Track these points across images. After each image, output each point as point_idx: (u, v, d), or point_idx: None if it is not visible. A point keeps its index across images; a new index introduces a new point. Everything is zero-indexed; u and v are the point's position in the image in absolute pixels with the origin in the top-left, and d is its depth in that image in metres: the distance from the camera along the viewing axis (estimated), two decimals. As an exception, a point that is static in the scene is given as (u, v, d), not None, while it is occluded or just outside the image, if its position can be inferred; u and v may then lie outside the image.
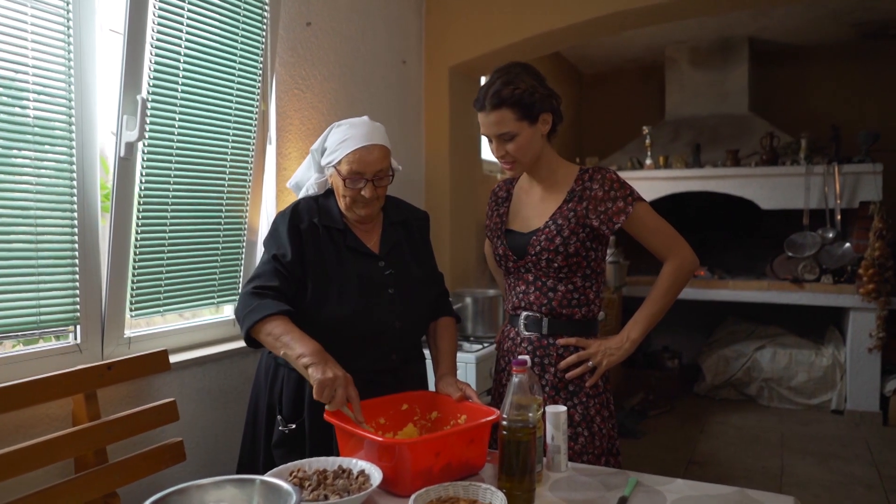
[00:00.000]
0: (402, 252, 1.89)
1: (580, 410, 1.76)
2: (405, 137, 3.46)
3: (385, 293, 1.81)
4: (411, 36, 3.49)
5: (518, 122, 1.70)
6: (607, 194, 1.73)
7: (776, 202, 4.89)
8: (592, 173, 1.77)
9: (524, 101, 1.68)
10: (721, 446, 4.12)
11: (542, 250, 1.74)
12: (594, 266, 1.79)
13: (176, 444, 1.96)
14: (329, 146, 1.81)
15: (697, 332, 5.81)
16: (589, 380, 1.76)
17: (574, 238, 1.73)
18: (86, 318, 1.97)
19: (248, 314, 1.67)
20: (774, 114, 5.66)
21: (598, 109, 6.56)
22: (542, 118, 1.74)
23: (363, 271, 1.80)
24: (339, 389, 1.55)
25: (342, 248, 1.80)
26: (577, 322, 1.78)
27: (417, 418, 1.75)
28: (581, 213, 1.73)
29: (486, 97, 1.71)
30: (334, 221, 1.82)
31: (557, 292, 1.77)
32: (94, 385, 1.78)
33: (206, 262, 2.32)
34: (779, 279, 4.92)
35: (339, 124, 1.83)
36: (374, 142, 1.78)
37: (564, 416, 1.57)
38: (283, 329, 1.64)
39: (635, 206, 1.73)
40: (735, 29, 5.33)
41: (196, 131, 2.20)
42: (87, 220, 1.94)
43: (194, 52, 2.15)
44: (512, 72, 1.72)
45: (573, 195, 1.76)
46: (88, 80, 1.91)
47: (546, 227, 1.76)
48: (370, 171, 1.76)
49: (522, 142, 1.72)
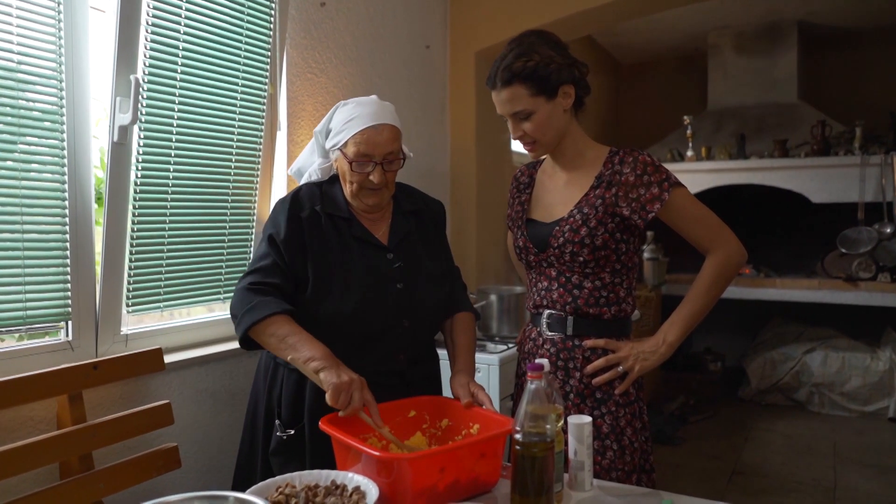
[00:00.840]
0: (413, 244, 1.72)
1: (609, 421, 1.56)
2: (429, 126, 3.30)
3: (393, 288, 1.64)
4: (435, 19, 3.32)
5: (533, 98, 1.52)
6: (640, 179, 1.53)
7: (828, 195, 4.59)
8: (623, 155, 1.57)
9: (538, 74, 1.50)
10: (768, 456, 3.85)
11: (566, 242, 1.55)
12: (625, 260, 1.59)
13: (170, 449, 1.82)
14: (334, 127, 1.65)
15: (742, 333, 5.51)
16: (619, 387, 1.57)
17: (602, 229, 1.53)
18: (78, 314, 1.84)
19: (246, 312, 1.52)
20: (826, 102, 5.32)
21: (636, 100, 6.30)
22: (563, 91, 1.54)
23: (369, 264, 1.63)
24: (355, 393, 1.42)
25: (347, 238, 1.64)
26: (605, 322, 1.59)
27: (426, 426, 1.59)
28: (610, 201, 1.53)
29: (497, 73, 1.53)
30: (339, 209, 1.66)
31: (584, 289, 1.58)
32: (79, 386, 1.66)
33: (212, 255, 2.19)
34: (831, 278, 4.62)
35: (345, 103, 1.66)
36: (384, 121, 1.61)
37: (589, 427, 1.38)
38: (288, 330, 1.50)
39: (672, 192, 1.52)
40: (783, 13, 5.03)
41: (198, 115, 2.07)
42: (79, 210, 1.82)
43: (196, 29, 2.02)
44: (525, 42, 1.54)
45: (601, 180, 1.57)
46: (81, 58, 1.79)
47: (570, 217, 1.57)
48: (379, 154, 1.59)
49: (540, 119, 1.54)
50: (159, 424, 1.82)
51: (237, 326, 1.53)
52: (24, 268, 1.71)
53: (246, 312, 1.52)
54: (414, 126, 3.17)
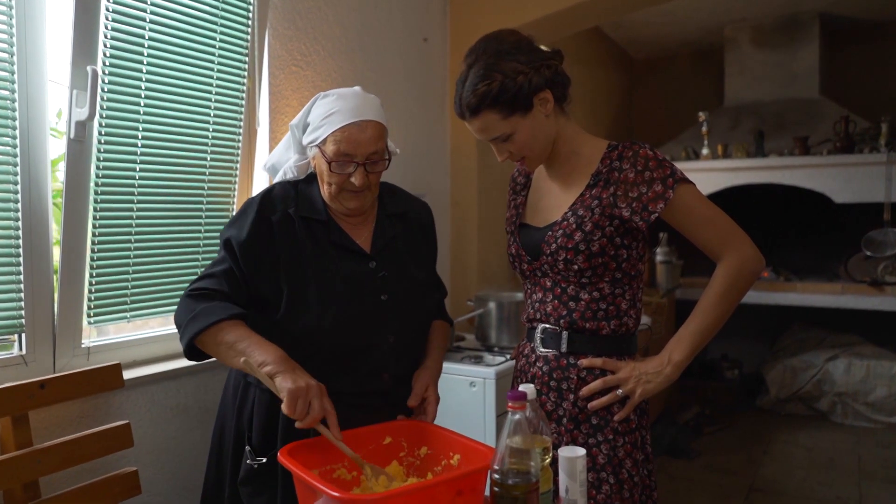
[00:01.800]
0: (398, 250, 1.56)
1: (605, 450, 1.38)
2: (427, 123, 3.13)
3: (376, 300, 1.48)
4: (434, 11, 3.15)
5: (507, 121, 1.36)
6: (640, 176, 1.35)
7: (852, 195, 4.36)
8: (622, 150, 1.39)
9: (507, 95, 1.33)
10: (788, 470, 3.65)
11: (559, 248, 1.38)
12: (627, 268, 1.41)
13: (129, 474, 1.67)
14: (312, 121, 1.48)
15: (760, 338, 5.29)
16: (618, 413, 1.39)
17: (599, 233, 1.36)
18: (32, 325, 1.70)
19: (190, 321, 1.37)
20: (849, 97, 5.08)
21: (650, 97, 6.08)
22: (538, 99, 1.37)
23: (350, 273, 1.47)
24: (314, 401, 1.26)
25: (324, 244, 1.48)
26: (604, 338, 1.41)
27: (404, 454, 1.42)
28: (607, 202, 1.36)
29: (462, 102, 1.37)
30: (315, 212, 1.49)
31: (580, 301, 1.40)
32: (23, 407, 1.51)
33: (185, 260, 2.04)
34: (855, 281, 4.39)
35: (324, 94, 1.49)
36: (367, 117, 1.44)
37: (583, 461, 1.20)
38: (238, 335, 1.34)
39: (678, 189, 1.34)
40: (803, 4, 4.81)
41: (168, 110, 1.91)
42: (34, 213, 1.67)
43: (164, 17, 1.86)
44: (482, 55, 1.35)
45: (598, 178, 1.39)
46: (35, 44, 1.64)
47: (564, 220, 1.39)
48: (361, 153, 1.43)
49: (523, 138, 1.38)
50: (117, 447, 1.66)
51: (181, 337, 1.39)
52: (-31, 277, 1.57)
53: (190, 321, 1.37)
54: (411, 123, 3.00)
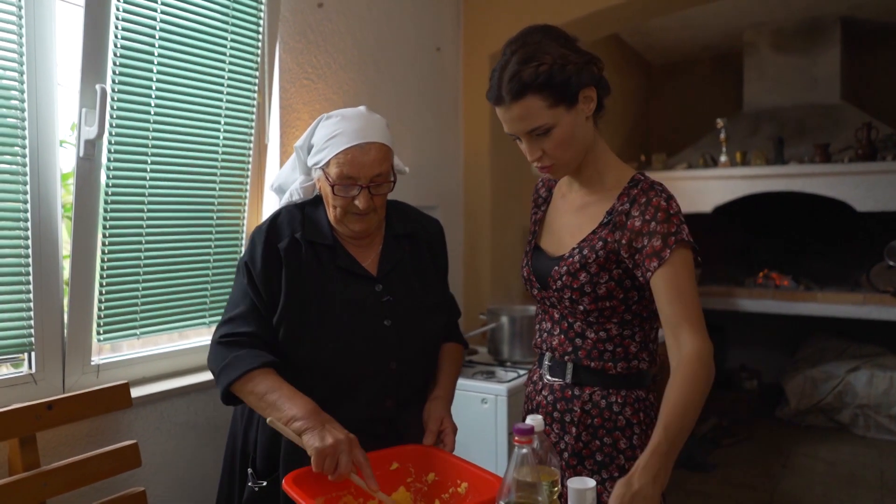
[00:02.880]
0: (405, 273, 1.54)
1: (609, 488, 1.32)
2: (440, 134, 3.11)
3: (379, 325, 1.46)
4: (447, 20, 3.13)
5: (552, 110, 1.24)
6: (647, 226, 1.24)
7: (874, 204, 4.26)
8: (638, 193, 1.28)
9: (555, 80, 1.22)
10: (808, 486, 3.57)
11: (565, 287, 1.31)
12: (637, 310, 1.32)
13: (136, 494, 1.66)
14: (316, 142, 1.47)
15: (780, 348, 5.20)
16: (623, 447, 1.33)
17: (605, 276, 1.28)
18: (42, 343, 1.70)
19: (222, 371, 1.39)
20: (871, 102, 4.98)
21: (667, 102, 6.01)
22: (583, 95, 1.26)
23: (353, 297, 1.45)
24: (342, 457, 1.26)
25: (329, 268, 1.47)
26: (611, 376, 1.34)
27: (411, 480, 1.40)
28: (612, 247, 1.28)
29: (503, 85, 1.24)
30: (322, 236, 1.48)
31: (586, 339, 1.34)
32: (31, 428, 1.50)
33: (195, 276, 2.03)
34: (877, 291, 4.29)
35: (328, 116, 1.48)
36: (371, 139, 1.42)
37: (593, 493, 1.16)
38: (267, 386, 1.35)
39: (675, 251, 1.21)
40: (825, 7, 4.72)
41: (177, 127, 1.91)
42: (43, 231, 1.67)
43: (172, 34, 1.86)
44: (530, 42, 1.25)
45: (611, 217, 1.30)
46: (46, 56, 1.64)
47: (570, 257, 1.31)
48: (365, 176, 1.41)
49: (562, 134, 1.26)
50: (125, 467, 1.66)
51: (217, 384, 1.40)
52: (-22, 296, 1.57)
53: (222, 371, 1.39)
54: (424, 134, 2.98)
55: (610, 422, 1.33)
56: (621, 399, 1.33)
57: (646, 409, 1.34)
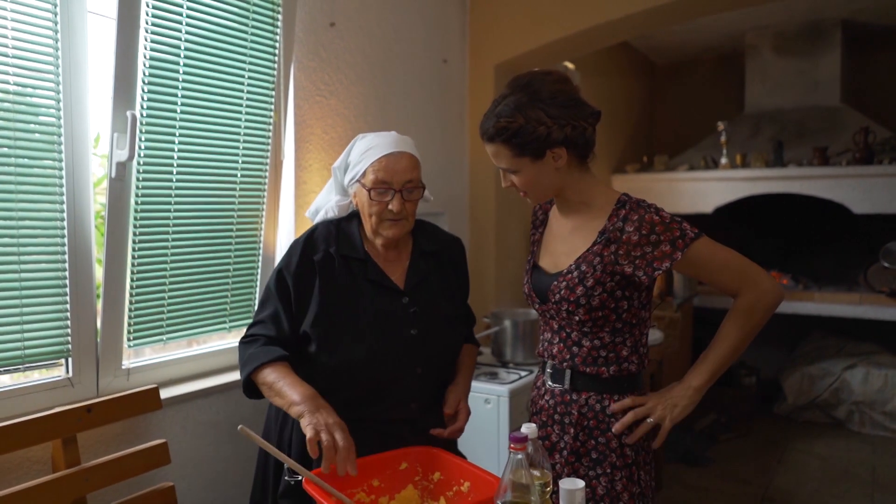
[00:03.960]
0: (430, 287, 1.69)
1: (604, 483, 1.48)
2: (447, 143, 3.23)
3: (406, 334, 1.60)
4: (453, 33, 3.25)
5: (516, 159, 1.42)
6: (645, 238, 1.40)
7: (871, 206, 4.36)
8: (628, 212, 1.43)
9: (519, 139, 1.39)
10: (802, 481, 3.69)
11: (562, 300, 1.46)
12: (627, 318, 1.47)
13: (166, 489, 1.81)
14: (353, 159, 1.63)
15: (779, 345, 5.31)
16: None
17: (600, 288, 1.43)
18: (78, 349, 1.84)
19: (243, 365, 1.56)
20: (871, 105, 5.06)
21: (671, 103, 6.10)
22: (552, 153, 1.41)
23: (382, 308, 1.60)
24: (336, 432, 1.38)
25: (361, 281, 1.61)
26: (604, 380, 1.49)
27: (419, 479, 1.53)
28: (609, 259, 1.42)
29: (484, 123, 1.45)
30: (354, 250, 1.63)
31: (582, 347, 1.49)
32: (72, 430, 1.65)
33: (216, 284, 2.17)
34: (874, 291, 4.40)
35: (363, 136, 1.65)
36: (403, 149, 1.60)
37: (582, 493, 1.30)
38: (276, 376, 1.50)
39: (690, 248, 1.39)
40: (826, 11, 4.80)
41: (200, 148, 2.04)
42: (79, 244, 1.81)
43: (195, 63, 1.99)
44: (517, 94, 1.41)
45: (603, 235, 1.45)
46: (79, 87, 1.77)
47: (569, 272, 1.47)
48: (398, 181, 1.57)
49: (527, 178, 1.45)
50: (155, 464, 1.80)
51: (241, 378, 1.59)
52: (21, 306, 1.71)
53: (243, 365, 1.57)
54: (431, 142, 3.11)
55: (604, 423, 1.48)
56: (614, 403, 1.48)
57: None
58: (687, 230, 1.41)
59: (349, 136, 2.58)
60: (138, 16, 1.84)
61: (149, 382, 1.96)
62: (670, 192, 4.96)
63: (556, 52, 3.37)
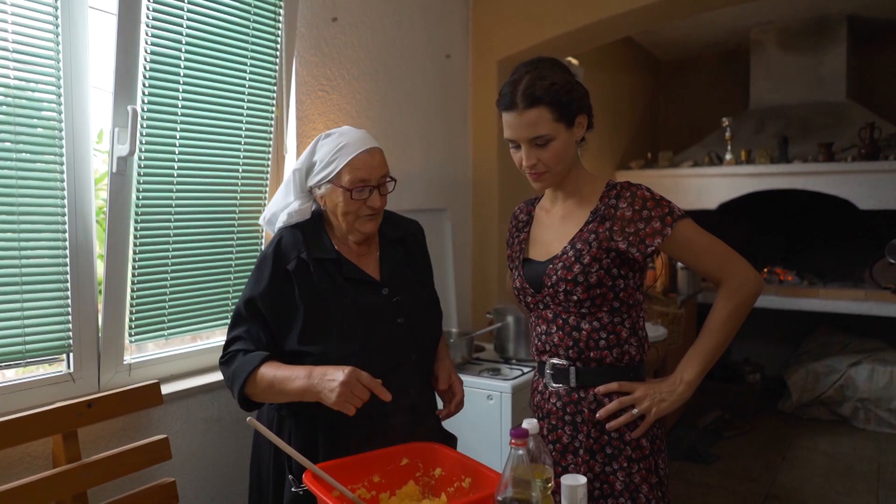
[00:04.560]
0: (404, 274, 1.69)
1: (621, 477, 1.47)
2: (449, 137, 3.22)
3: (394, 324, 1.60)
4: (456, 28, 3.23)
5: (556, 124, 1.43)
6: (638, 214, 1.45)
7: (877, 202, 4.34)
8: (620, 190, 1.49)
9: (562, 99, 1.42)
10: (806, 477, 3.68)
11: (559, 280, 1.47)
12: (624, 297, 1.49)
13: (167, 485, 1.80)
14: (320, 159, 1.60)
15: (783, 342, 5.29)
16: (634, 432, 1.48)
17: (596, 265, 1.44)
18: (79, 345, 1.84)
19: (232, 383, 1.54)
20: (877, 101, 5.04)
21: (675, 99, 6.08)
22: (578, 121, 1.48)
23: (366, 303, 1.59)
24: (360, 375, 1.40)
25: (339, 281, 1.59)
26: (609, 368, 1.49)
27: (420, 474, 1.52)
28: (604, 235, 1.45)
29: (518, 93, 1.42)
30: (326, 251, 1.61)
31: (582, 331, 1.49)
32: (73, 425, 1.65)
33: (217, 280, 2.16)
34: (879, 287, 4.38)
35: (326, 135, 1.63)
36: (374, 144, 1.60)
37: (584, 489, 1.29)
38: (270, 374, 1.48)
39: (676, 225, 1.44)
40: (831, 6, 4.77)
41: (201, 143, 2.04)
42: (80, 240, 1.81)
43: (196, 57, 1.98)
44: (542, 66, 1.46)
45: (596, 215, 1.49)
46: (80, 83, 1.76)
47: (564, 254, 1.49)
48: (375, 177, 1.58)
49: (558, 148, 1.45)
50: (157, 460, 1.80)
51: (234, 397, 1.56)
52: (22, 301, 1.70)
53: (231, 383, 1.55)
54: (434, 137, 3.10)
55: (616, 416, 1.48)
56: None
57: None
58: (675, 208, 1.46)
59: (351, 131, 2.58)
60: (139, 10, 1.83)
61: (150, 378, 1.95)
62: (674, 189, 4.95)
63: (559, 48, 3.36)
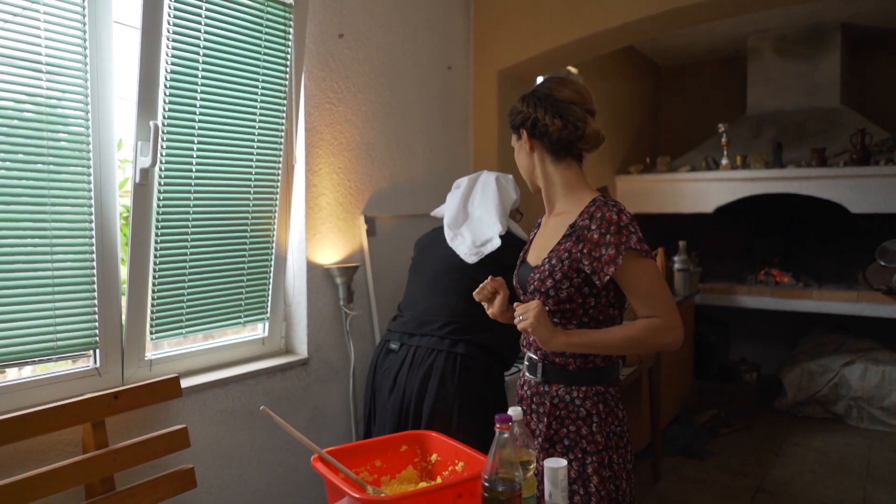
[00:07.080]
0: None
1: (575, 467, 1.59)
2: (451, 147, 3.36)
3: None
4: (458, 40, 3.38)
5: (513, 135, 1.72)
6: (602, 238, 1.50)
7: (868, 206, 4.45)
8: (594, 210, 1.54)
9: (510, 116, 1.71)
10: (797, 473, 3.80)
11: (535, 290, 1.59)
12: (594, 314, 1.56)
13: (186, 471, 1.95)
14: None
15: (779, 342, 5.40)
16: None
17: (567, 283, 1.53)
18: (105, 342, 1.99)
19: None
20: (870, 107, 5.15)
21: (675, 105, 6.20)
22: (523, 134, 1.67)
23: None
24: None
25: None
26: (571, 372, 1.60)
27: (418, 460, 1.67)
28: (575, 256, 1.53)
29: None
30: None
31: None
32: (101, 414, 1.80)
33: (232, 282, 2.31)
34: (872, 289, 4.48)
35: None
36: None
37: (564, 471, 1.42)
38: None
39: (626, 255, 1.48)
40: (826, 14, 4.88)
41: (217, 154, 2.19)
42: (105, 245, 1.96)
43: (212, 74, 2.13)
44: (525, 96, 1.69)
45: (574, 230, 1.57)
46: (106, 98, 1.92)
47: (542, 265, 1.60)
48: None
49: (516, 152, 1.74)
50: (176, 448, 1.95)
51: None
52: (53, 301, 1.86)
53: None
54: (437, 146, 3.24)
55: (574, 413, 1.59)
56: (582, 394, 1.59)
57: (605, 401, 1.60)
58: (632, 238, 1.49)
59: (357, 141, 2.72)
60: (160, 31, 1.98)
61: (169, 373, 2.10)
62: (672, 193, 5.07)
63: (559, 58, 3.49)
